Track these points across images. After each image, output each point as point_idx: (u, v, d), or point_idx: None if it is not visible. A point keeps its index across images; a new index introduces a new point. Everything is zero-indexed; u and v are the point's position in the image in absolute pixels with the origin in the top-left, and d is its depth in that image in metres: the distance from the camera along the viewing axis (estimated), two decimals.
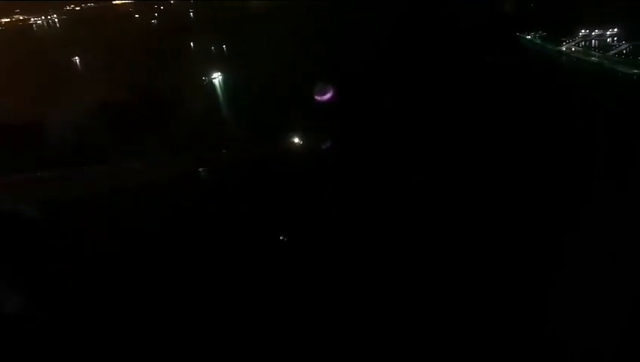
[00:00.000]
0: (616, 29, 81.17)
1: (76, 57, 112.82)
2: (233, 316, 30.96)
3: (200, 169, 56.52)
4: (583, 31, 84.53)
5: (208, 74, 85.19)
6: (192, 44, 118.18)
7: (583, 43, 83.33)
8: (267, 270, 35.32)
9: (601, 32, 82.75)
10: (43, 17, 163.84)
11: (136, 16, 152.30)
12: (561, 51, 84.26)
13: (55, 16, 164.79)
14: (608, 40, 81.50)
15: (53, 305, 32.05)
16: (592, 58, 76.82)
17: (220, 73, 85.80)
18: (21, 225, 40.55)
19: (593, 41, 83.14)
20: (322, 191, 45.62)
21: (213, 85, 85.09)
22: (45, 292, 32.77)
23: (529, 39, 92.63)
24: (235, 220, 42.50)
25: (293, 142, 59.01)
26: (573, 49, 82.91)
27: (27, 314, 30.51)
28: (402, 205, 42.08)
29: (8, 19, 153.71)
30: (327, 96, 72.66)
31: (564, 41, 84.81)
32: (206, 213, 44.45)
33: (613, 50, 76.12)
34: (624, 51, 74.81)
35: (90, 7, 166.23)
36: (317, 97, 70.41)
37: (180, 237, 40.82)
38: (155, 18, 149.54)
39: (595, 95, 65.76)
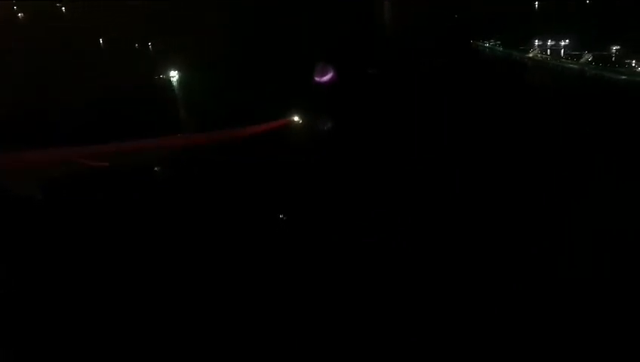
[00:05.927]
0: (568, 40, 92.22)
1: None
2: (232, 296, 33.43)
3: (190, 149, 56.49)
4: (537, 41, 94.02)
5: None
6: None
7: (544, 51, 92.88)
8: (266, 248, 37.61)
9: (554, 42, 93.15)
10: None
11: None
12: (529, 58, 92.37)
13: None
14: (562, 50, 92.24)
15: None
16: (570, 65, 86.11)
17: None
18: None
19: (548, 50, 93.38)
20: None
21: None
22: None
23: (488, 46, 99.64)
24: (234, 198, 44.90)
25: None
26: (539, 56, 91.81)
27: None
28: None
29: None
30: (327, 77, 72.36)
31: (529, 49, 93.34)
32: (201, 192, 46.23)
33: (582, 58, 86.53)
34: (589, 59, 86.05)
35: None
36: (317, 78, 71.82)
37: (176, 217, 42.28)
38: None
39: (591, 97, 74.75)
